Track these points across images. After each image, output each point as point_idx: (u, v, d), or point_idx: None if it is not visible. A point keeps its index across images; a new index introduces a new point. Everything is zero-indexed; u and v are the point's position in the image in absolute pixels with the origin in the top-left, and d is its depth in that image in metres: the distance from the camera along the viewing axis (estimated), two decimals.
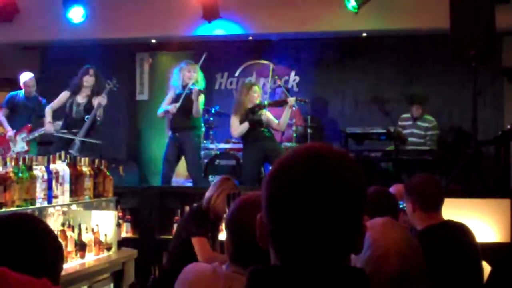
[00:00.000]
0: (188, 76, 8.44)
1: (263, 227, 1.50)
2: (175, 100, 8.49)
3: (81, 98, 8.53)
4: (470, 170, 7.19)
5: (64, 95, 8.61)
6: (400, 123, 9.17)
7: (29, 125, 9.15)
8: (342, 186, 1.43)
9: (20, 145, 9.01)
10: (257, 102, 8.46)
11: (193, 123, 8.46)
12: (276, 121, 8.53)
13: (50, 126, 8.57)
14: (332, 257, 1.44)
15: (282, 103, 8.75)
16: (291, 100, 8.55)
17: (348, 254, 1.49)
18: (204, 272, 2.49)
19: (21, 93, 9.41)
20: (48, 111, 8.67)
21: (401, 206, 4.16)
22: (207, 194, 5.56)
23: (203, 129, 9.07)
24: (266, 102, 8.55)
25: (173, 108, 8.40)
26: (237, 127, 8.38)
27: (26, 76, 9.38)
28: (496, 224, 6.30)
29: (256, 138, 8.36)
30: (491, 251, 5.04)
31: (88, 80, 8.51)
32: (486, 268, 4.11)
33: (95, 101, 8.46)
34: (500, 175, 7.22)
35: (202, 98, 8.38)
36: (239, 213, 2.47)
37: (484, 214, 6.31)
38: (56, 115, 8.79)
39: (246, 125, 8.33)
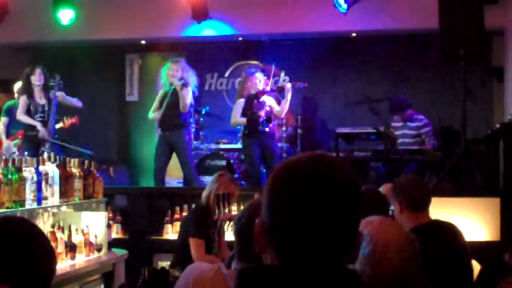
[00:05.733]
0: (171, 74, 8.38)
1: (261, 231, 1.55)
2: (162, 98, 8.46)
3: (39, 99, 8.42)
4: (460, 169, 7.22)
5: (22, 99, 8.49)
6: (392, 124, 9.14)
7: (22, 131, 9.07)
8: (342, 189, 1.50)
9: (11, 150, 8.93)
10: (260, 88, 8.53)
11: (182, 121, 8.41)
12: (278, 108, 8.61)
13: (44, 131, 8.41)
14: (329, 258, 1.49)
15: (280, 90, 8.90)
16: (288, 85, 8.63)
17: (344, 259, 1.53)
18: (206, 272, 2.52)
19: (16, 102, 9.38)
20: (25, 118, 8.45)
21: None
22: (205, 192, 5.54)
23: (193, 129, 9.06)
24: (268, 88, 8.71)
25: (157, 115, 8.38)
26: (237, 116, 8.51)
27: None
28: (486, 222, 6.33)
29: (254, 136, 8.42)
30: (480, 249, 5.06)
31: (39, 79, 8.38)
32: (476, 267, 4.13)
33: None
34: (490, 174, 7.24)
35: (188, 91, 8.32)
36: (248, 214, 2.51)
37: (474, 213, 6.33)
38: None
39: (243, 120, 8.44)
